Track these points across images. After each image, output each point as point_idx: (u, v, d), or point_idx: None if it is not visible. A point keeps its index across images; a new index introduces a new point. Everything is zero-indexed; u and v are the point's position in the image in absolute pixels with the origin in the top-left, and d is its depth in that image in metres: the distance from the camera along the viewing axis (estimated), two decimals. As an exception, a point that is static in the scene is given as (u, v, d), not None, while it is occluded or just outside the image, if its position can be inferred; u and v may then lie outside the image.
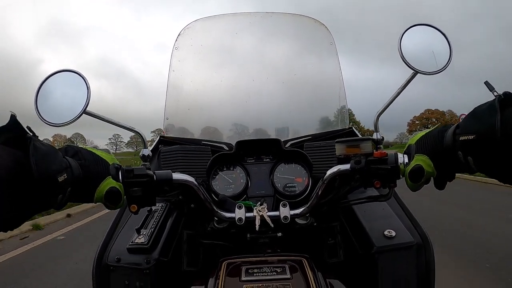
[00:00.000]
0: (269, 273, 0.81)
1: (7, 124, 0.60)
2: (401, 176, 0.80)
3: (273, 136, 1.36)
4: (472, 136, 0.66)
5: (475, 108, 0.69)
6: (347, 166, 0.84)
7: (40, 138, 0.69)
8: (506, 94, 0.64)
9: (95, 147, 0.87)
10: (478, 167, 0.69)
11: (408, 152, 0.79)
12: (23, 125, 0.62)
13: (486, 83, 0.69)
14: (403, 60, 0.83)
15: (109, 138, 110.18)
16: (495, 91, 0.66)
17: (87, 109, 0.84)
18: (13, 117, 0.60)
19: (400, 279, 0.91)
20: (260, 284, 0.76)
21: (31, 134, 0.63)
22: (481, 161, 0.67)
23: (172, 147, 1.29)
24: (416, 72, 0.84)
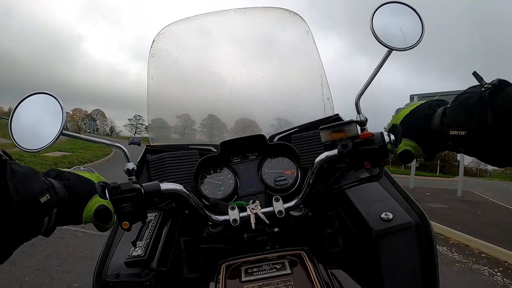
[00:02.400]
0: (269, 271, 0.80)
1: None
2: (389, 154, 0.80)
3: (260, 132, 1.35)
4: (463, 132, 0.66)
5: (461, 96, 0.69)
6: (334, 152, 0.83)
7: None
8: (495, 84, 0.63)
9: (78, 168, 0.86)
10: (469, 154, 0.70)
11: (394, 132, 0.79)
12: None
13: (475, 74, 0.68)
14: (376, 38, 0.83)
15: (129, 119, 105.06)
16: (484, 82, 0.65)
17: (63, 130, 0.82)
18: None
19: (402, 260, 0.90)
20: (261, 283, 0.76)
21: (7, 157, 0.61)
22: (473, 151, 0.68)
23: (160, 155, 1.27)
24: (390, 49, 0.83)
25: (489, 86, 0.63)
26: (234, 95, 1.45)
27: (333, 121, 1.38)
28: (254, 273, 0.81)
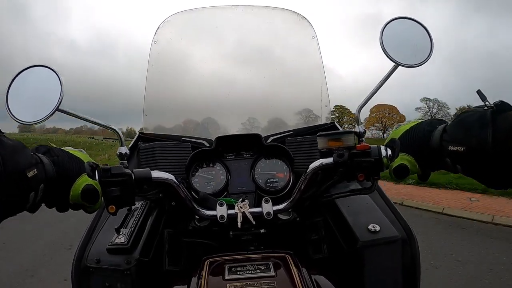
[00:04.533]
0: (252, 271, 0.80)
1: None
2: (384, 169, 0.80)
3: (254, 131, 1.34)
4: (462, 148, 0.66)
5: (463, 113, 0.69)
6: (330, 160, 0.84)
7: None
8: (498, 105, 0.63)
9: (69, 148, 0.84)
10: (466, 174, 0.69)
11: (392, 146, 0.79)
12: None
13: (479, 92, 0.68)
14: (385, 53, 0.83)
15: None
16: (488, 102, 0.65)
17: (60, 106, 0.80)
18: None
19: (385, 274, 0.91)
20: (244, 283, 0.75)
21: None
22: (470, 170, 0.68)
23: (152, 143, 1.26)
24: (397, 64, 0.84)
25: (492, 106, 0.64)
26: (233, 91, 1.44)
27: (329, 129, 1.39)
28: (238, 272, 0.80)
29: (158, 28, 1.45)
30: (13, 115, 0.77)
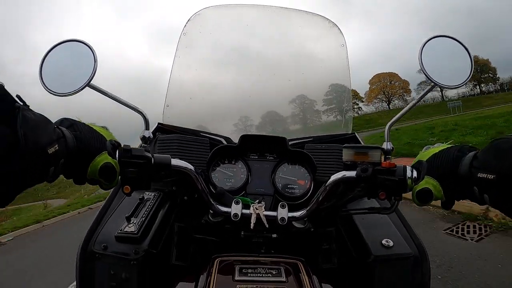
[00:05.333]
0: (264, 275, 0.79)
1: None
2: (407, 190, 0.78)
3: (274, 134, 1.33)
4: (492, 176, 0.63)
5: (496, 140, 0.66)
6: (352, 173, 0.82)
7: None
8: None
9: (93, 123, 0.84)
10: (494, 205, 0.67)
11: (418, 168, 0.77)
12: (12, 94, 0.59)
13: None
14: (424, 72, 0.81)
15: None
16: None
17: (91, 82, 0.81)
18: (0, 87, 0.56)
19: None
20: (255, 285, 0.75)
21: (21, 103, 0.60)
22: (499, 200, 0.65)
23: (171, 135, 1.25)
24: (435, 84, 0.82)
25: None
26: (256, 92, 1.43)
27: (349, 139, 1.37)
28: (249, 274, 0.79)
29: (188, 21, 1.45)
30: (46, 86, 0.80)
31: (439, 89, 1.07)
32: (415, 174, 0.76)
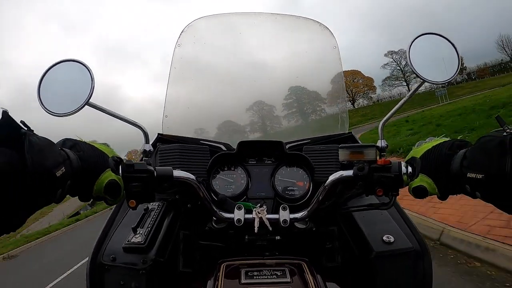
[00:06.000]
0: (269, 276, 0.81)
1: None
2: (403, 186, 0.80)
3: (273, 138, 1.35)
4: (481, 176, 0.65)
5: (483, 139, 0.68)
6: (350, 172, 0.84)
7: None
8: None
9: (94, 141, 0.85)
10: (486, 200, 0.68)
11: (413, 164, 0.79)
12: (16, 120, 0.60)
13: (498, 118, 0.67)
14: (412, 69, 0.83)
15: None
16: (507, 127, 0.64)
17: (90, 100, 0.83)
18: (5, 114, 0.57)
19: (397, 284, 0.91)
20: (260, 287, 0.76)
21: (26, 128, 0.61)
22: (489, 197, 0.67)
23: (171, 145, 1.27)
24: (423, 80, 0.84)
25: (511, 132, 0.63)
26: (252, 97, 1.45)
27: (346, 139, 1.39)
28: (254, 277, 0.81)
29: (182, 32, 1.48)
30: (44, 107, 0.81)
31: (429, 86, 1.07)
32: (410, 170, 0.79)
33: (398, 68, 63.84)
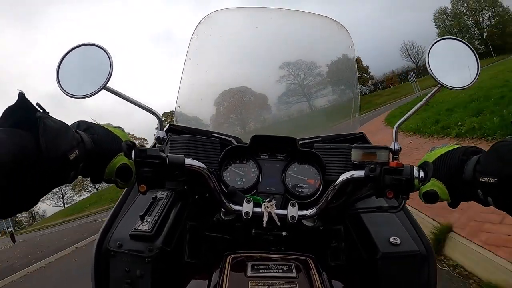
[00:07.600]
0: (275, 271, 0.81)
1: (14, 104, 0.59)
2: (414, 190, 0.80)
3: (284, 133, 1.35)
4: (494, 180, 0.65)
5: (497, 144, 0.68)
6: (361, 173, 0.84)
7: None
8: None
9: (109, 124, 0.86)
10: (498, 207, 0.68)
11: (425, 169, 0.79)
12: (32, 102, 0.61)
13: None
14: (431, 74, 0.83)
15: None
16: None
17: (107, 85, 0.84)
18: (21, 95, 0.58)
19: (401, 286, 0.91)
20: (266, 281, 0.77)
21: (41, 111, 0.62)
22: (502, 203, 0.67)
23: (182, 136, 1.27)
24: (441, 85, 0.83)
25: None
26: (266, 92, 1.46)
27: (357, 139, 1.39)
28: (260, 270, 0.82)
29: (198, 23, 1.48)
30: (63, 88, 0.82)
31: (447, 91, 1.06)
32: (421, 174, 0.79)
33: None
